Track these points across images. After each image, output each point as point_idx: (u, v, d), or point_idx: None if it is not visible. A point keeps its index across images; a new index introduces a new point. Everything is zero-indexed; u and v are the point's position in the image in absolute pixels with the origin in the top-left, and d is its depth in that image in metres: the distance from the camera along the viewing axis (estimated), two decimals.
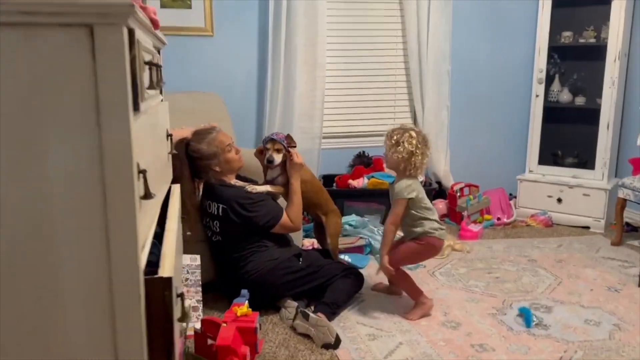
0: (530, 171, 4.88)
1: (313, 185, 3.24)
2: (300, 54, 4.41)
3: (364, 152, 4.73)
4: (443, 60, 4.73)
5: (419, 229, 2.91)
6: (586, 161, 4.79)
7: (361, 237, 4.03)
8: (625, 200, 4.09)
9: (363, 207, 4.25)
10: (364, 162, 4.59)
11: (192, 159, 2.91)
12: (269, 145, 3.04)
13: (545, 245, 4.17)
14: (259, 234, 2.93)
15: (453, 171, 4.92)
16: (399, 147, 2.82)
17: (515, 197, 4.91)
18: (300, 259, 3.02)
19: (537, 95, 4.77)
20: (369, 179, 4.27)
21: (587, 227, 4.57)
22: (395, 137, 2.85)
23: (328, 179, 4.56)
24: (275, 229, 2.96)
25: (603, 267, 3.71)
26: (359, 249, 3.92)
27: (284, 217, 2.96)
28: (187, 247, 2.89)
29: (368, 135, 4.85)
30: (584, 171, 4.69)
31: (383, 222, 4.17)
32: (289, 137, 3.08)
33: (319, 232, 3.48)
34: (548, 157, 4.92)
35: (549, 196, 4.73)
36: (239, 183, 2.99)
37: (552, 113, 4.83)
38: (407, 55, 4.75)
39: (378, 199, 4.25)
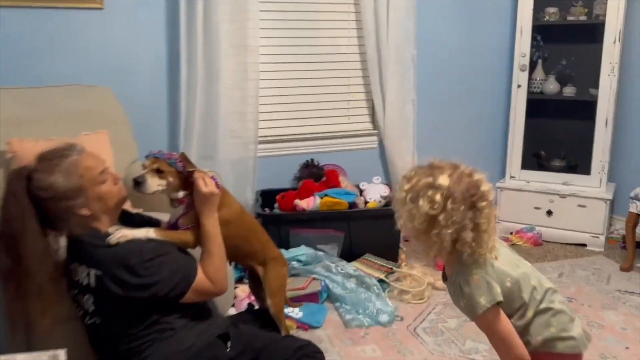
0: (512, 177, 4.04)
1: (241, 224, 2.15)
2: (224, 34, 3.31)
3: (312, 160, 3.71)
4: (407, 43, 3.77)
5: (538, 338, 1.56)
6: (576, 164, 4.00)
7: (314, 278, 3.02)
8: (638, 215, 3.30)
9: (315, 235, 3.24)
10: (313, 174, 3.57)
11: (40, 201, 1.77)
12: (145, 163, 1.95)
13: (543, 273, 3.31)
14: (161, 309, 1.86)
15: None
16: (420, 205, 1.49)
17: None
18: (229, 343, 1.97)
19: (519, 86, 3.92)
20: (321, 198, 3.25)
21: (584, 245, 3.77)
22: (410, 185, 1.54)
23: (267, 198, 3.51)
24: (187, 298, 1.90)
25: (625, 308, 2.90)
26: (312, 297, 2.91)
27: (199, 277, 1.89)
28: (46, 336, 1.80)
29: (316, 139, 3.84)
30: (577, 176, 3.90)
31: (343, 256, 3.19)
32: (183, 157, 1.99)
33: (255, 284, 2.41)
34: (531, 159, 4.09)
35: (537, 207, 3.91)
36: (124, 231, 1.88)
37: (535, 106, 4.00)
38: (362, 37, 3.76)
39: (334, 224, 3.25)
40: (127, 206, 2.19)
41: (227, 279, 2.01)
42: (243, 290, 2.89)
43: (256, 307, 2.73)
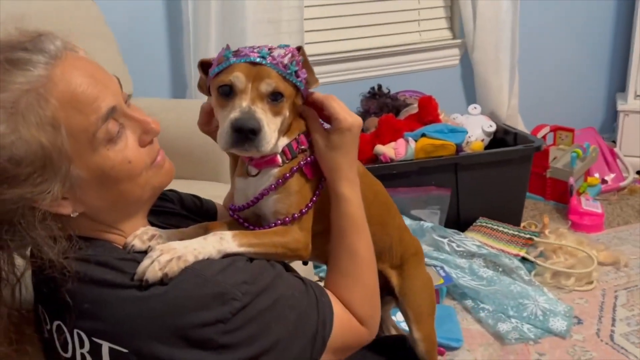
0: (638, 96, 2.97)
1: (374, 199, 1.04)
2: None
3: (380, 86, 2.57)
4: None
5: None
6: None
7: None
8: None
9: (409, 197, 2.15)
10: (387, 106, 2.44)
11: None
12: (233, 79, 0.80)
13: None
14: None
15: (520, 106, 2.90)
16: None
17: (613, 141, 3.02)
18: None
19: None
20: (416, 140, 2.14)
21: None
22: None
23: None
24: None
25: None
26: None
27: (339, 318, 0.87)
28: None
29: (380, 56, 2.68)
30: None
31: (448, 224, 2.14)
32: (301, 51, 0.85)
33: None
34: None
35: None
36: (172, 245, 0.77)
37: None
38: None
39: (437, 178, 2.16)
40: None
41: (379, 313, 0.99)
42: None
43: None
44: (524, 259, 2.05)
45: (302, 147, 0.88)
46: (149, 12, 2.21)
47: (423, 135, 2.14)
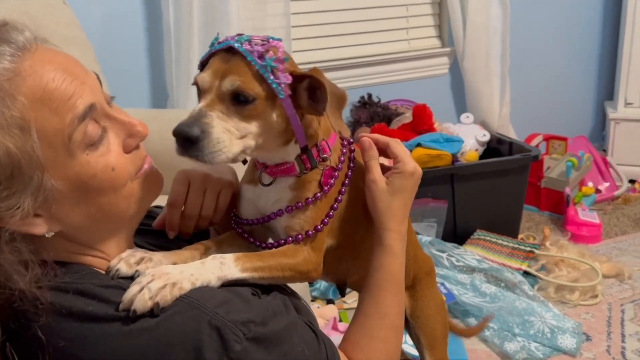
0: (629, 104, 2.94)
1: None
2: None
3: (370, 95, 2.48)
4: None
5: None
6: None
7: None
8: None
9: None
10: (378, 115, 2.35)
11: None
12: (198, 79, 0.72)
13: None
14: None
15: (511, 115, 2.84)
16: None
17: (603, 150, 2.99)
18: None
19: None
20: (411, 150, 2.05)
21: None
22: None
23: None
24: None
25: None
26: None
27: None
28: None
29: (367, 65, 2.59)
30: None
31: (445, 237, 2.06)
32: (314, 71, 0.74)
33: None
34: None
35: None
36: (165, 269, 0.67)
37: None
38: None
39: (434, 189, 2.07)
40: None
41: None
42: (322, 314, 1.70)
43: None
44: (526, 273, 1.96)
45: (324, 155, 0.78)
46: (127, 17, 2.09)
47: (418, 145, 2.05)
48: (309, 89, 0.73)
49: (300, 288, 1.43)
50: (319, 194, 0.78)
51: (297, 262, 0.77)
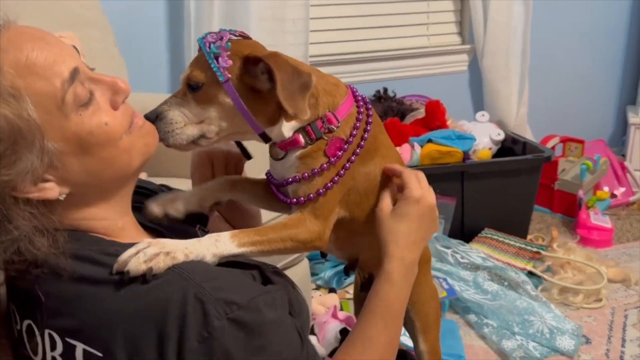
0: None
1: None
2: None
3: (385, 90, 2.50)
4: None
5: None
6: None
7: None
8: None
9: None
10: (392, 110, 2.37)
11: None
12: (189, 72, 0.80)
13: None
14: None
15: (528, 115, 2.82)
16: None
17: (623, 155, 2.95)
18: None
19: None
20: (422, 146, 2.06)
21: None
22: None
23: None
24: None
25: None
26: None
27: None
28: None
29: (386, 59, 2.61)
30: None
31: (452, 234, 2.08)
32: (242, 47, 0.79)
33: None
34: None
35: None
36: (163, 242, 0.70)
37: None
38: None
39: (443, 186, 2.08)
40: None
41: None
42: (323, 302, 1.74)
43: None
44: (530, 274, 1.96)
45: (329, 126, 0.81)
46: (150, 8, 2.14)
47: (429, 140, 2.07)
48: (269, 72, 0.75)
49: (301, 277, 1.47)
50: (325, 165, 0.80)
51: (297, 232, 0.79)
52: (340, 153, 0.81)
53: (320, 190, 0.80)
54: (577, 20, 2.85)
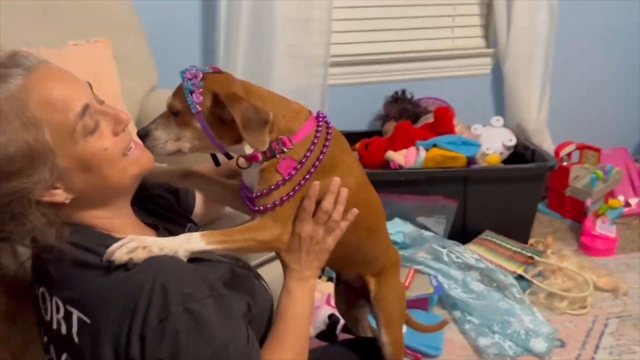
0: None
1: (364, 210, 1.08)
2: None
3: (403, 91, 2.62)
4: None
5: None
6: None
7: (418, 270, 2.04)
8: None
9: (416, 204, 2.22)
10: (407, 112, 2.49)
11: None
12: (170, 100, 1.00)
13: None
14: None
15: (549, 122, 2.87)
16: None
17: None
18: None
19: None
20: (427, 150, 2.19)
21: None
22: None
23: None
24: None
25: None
26: (419, 302, 1.94)
27: None
28: None
29: (408, 60, 2.72)
30: None
31: (453, 234, 2.21)
32: (215, 82, 0.97)
33: (350, 299, 1.41)
34: None
35: None
36: (142, 239, 0.90)
37: None
38: None
39: (445, 189, 2.21)
40: None
41: None
42: (319, 289, 1.93)
43: (341, 322, 1.80)
44: (521, 277, 2.08)
45: (283, 147, 0.97)
46: (184, 8, 2.33)
47: (435, 145, 2.19)
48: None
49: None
50: (280, 182, 0.97)
51: (259, 234, 0.97)
52: (294, 172, 0.97)
53: (277, 202, 0.97)
54: (603, 25, 2.85)
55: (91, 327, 0.84)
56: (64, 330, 0.87)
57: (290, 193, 0.98)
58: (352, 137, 2.48)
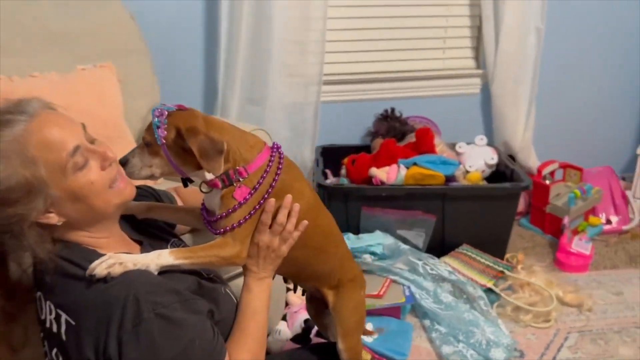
0: None
1: (314, 229, 1.27)
2: None
3: (392, 110, 2.77)
4: None
5: None
6: None
7: (394, 281, 2.20)
8: None
9: (396, 218, 2.37)
10: (394, 130, 2.64)
11: None
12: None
13: None
14: None
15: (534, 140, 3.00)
16: None
17: (629, 180, 3.05)
18: None
19: None
20: (407, 167, 2.35)
21: None
22: None
23: (329, 157, 2.66)
24: None
25: None
26: (392, 310, 2.10)
27: None
28: None
29: (400, 79, 2.87)
30: None
31: (431, 247, 2.35)
32: (177, 119, 1.14)
33: (319, 311, 1.59)
34: None
35: None
36: (118, 256, 1.08)
37: None
38: None
39: (424, 204, 2.36)
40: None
41: None
42: (299, 295, 2.10)
43: (316, 327, 1.96)
44: (491, 290, 2.22)
45: (239, 177, 1.14)
46: (188, 28, 2.52)
47: (415, 163, 2.34)
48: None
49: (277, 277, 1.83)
50: (236, 206, 1.14)
51: (220, 251, 1.14)
52: (248, 197, 1.15)
53: (235, 225, 1.15)
54: (586, 47, 2.96)
55: (76, 328, 1.02)
56: (55, 329, 1.05)
57: (247, 216, 1.16)
58: (344, 151, 2.67)
